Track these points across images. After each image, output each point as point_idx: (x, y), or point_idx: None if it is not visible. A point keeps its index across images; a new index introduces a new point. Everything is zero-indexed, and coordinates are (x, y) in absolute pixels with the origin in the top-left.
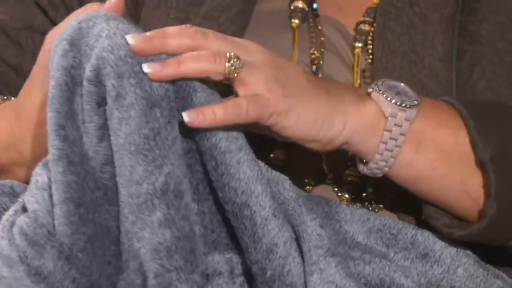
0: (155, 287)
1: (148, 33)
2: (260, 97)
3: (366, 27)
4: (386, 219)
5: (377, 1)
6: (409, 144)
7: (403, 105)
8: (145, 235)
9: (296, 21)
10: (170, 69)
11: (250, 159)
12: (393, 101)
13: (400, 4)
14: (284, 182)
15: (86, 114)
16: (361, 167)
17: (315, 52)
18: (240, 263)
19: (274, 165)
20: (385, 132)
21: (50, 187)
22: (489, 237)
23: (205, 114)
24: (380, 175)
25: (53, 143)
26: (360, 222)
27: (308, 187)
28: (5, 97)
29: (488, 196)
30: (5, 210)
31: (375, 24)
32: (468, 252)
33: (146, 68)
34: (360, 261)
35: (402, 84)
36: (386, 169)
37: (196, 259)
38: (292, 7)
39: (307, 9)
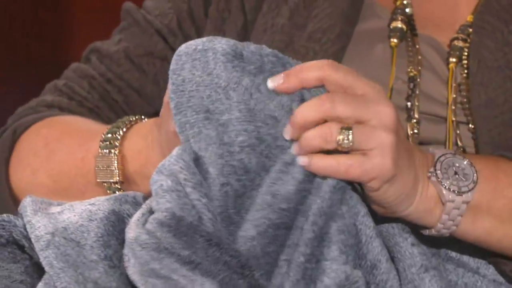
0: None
1: (283, 76)
2: (366, 161)
3: (460, 43)
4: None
5: (470, 19)
6: (466, 218)
7: (461, 191)
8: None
9: (395, 40)
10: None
11: (352, 186)
12: (452, 189)
13: (495, 21)
14: None
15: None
16: (420, 228)
17: (413, 70)
18: None
19: None
20: (444, 215)
21: (177, 189)
22: None
23: (308, 162)
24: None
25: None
26: (454, 239)
27: None
28: (142, 117)
29: None
30: (129, 216)
31: (469, 40)
32: None
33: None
34: (453, 275)
35: (465, 162)
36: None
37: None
38: (391, 27)
39: (405, 29)
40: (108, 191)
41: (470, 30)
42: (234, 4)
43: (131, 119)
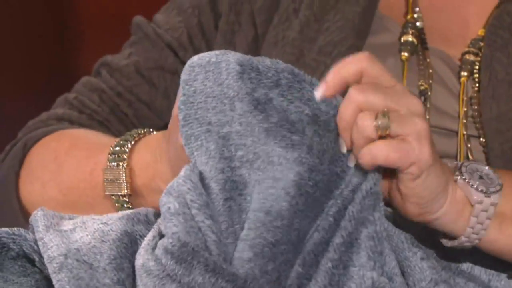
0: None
1: (325, 80)
2: (404, 144)
3: (471, 57)
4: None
5: (482, 33)
6: (493, 224)
7: (489, 192)
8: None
9: (406, 54)
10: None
11: None
12: (479, 189)
13: (507, 35)
14: (389, 218)
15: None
16: (444, 241)
17: (423, 83)
18: None
19: None
20: (472, 218)
21: (183, 212)
22: None
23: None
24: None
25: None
26: (467, 251)
27: None
28: (151, 130)
29: None
30: (141, 237)
31: (481, 54)
32: None
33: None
34: None
35: (487, 167)
36: (469, 245)
37: None
38: (402, 41)
39: (416, 42)
40: (116, 204)
41: (482, 44)
42: (244, 17)
43: (139, 132)
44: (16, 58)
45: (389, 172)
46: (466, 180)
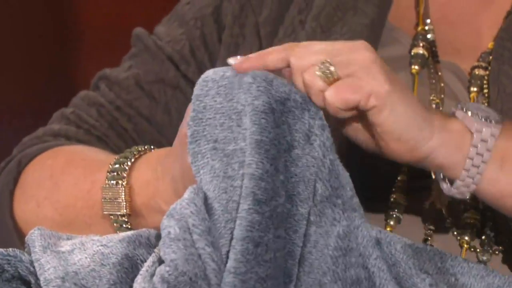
0: None
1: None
2: (352, 79)
3: (480, 72)
4: (507, 278)
5: (491, 46)
6: (493, 161)
7: (488, 120)
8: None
9: (416, 67)
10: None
11: (366, 224)
12: (480, 115)
13: None
14: (395, 244)
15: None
16: (446, 188)
17: (435, 98)
18: None
19: (394, 208)
20: (471, 148)
21: (184, 238)
22: None
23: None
24: (467, 195)
25: (244, 182)
26: (479, 277)
27: (428, 231)
28: (152, 147)
29: None
30: (142, 261)
31: (489, 68)
32: None
33: (231, 60)
34: None
35: (484, 106)
36: (474, 186)
37: None
38: (412, 53)
39: (427, 55)
40: (115, 224)
41: (491, 57)
42: (248, 30)
43: (139, 149)
44: (16, 61)
45: (365, 123)
46: (464, 110)
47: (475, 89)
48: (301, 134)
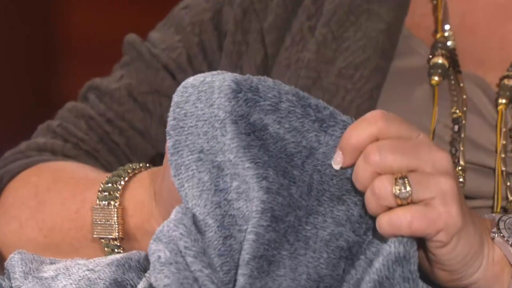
0: None
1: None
2: (428, 209)
3: (510, 82)
4: None
5: None
6: None
7: None
8: None
9: (436, 78)
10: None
11: None
12: None
13: None
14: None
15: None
16: None
17: (457, 111)
18: None
19: None
20: None
21: (175, 261)
22: None
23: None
24: None
25: (256, 195)
26: None
27: None
28: (147, 165)
29: None
30: (133, 287)
31: None
32: None
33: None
34: None
35: None
36: None
37: None
38: (431, 63)
39: (447, 65)
40: (106, 249)
41: None
42: (252, 36)
43: (134, 167)
44: (0, 71)
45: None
46: (506, 238)
47: (503, 101)
48: (314, 132)
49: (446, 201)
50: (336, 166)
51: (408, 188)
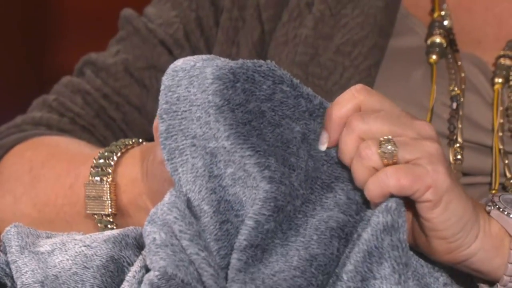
0: None
1: (325, 129)
2: (415, 167)
3: (506, 61)
4: None
5: None
6: None
7: None
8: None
9: (434, 56)
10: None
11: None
12: None
13: None
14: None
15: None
16: (483, 286)
17: (455, 88)
18: None
19: None
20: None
21: (171, 244)
22: None
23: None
24: None
25: (260, 185)
26: None
27: None
28: (140, 140)
29: None
30: (129, 264)
31: None
32: None
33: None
34: None
35: None
36: None
37: None
38: (429, 42)
39: (445, 44)
40: (99, 224)
41: None
42: (249, 12)
43: (127, 142)
44: None
45: (407, 211)
46: (501, 209)
47: (500, 80)
48: (304, 121)
49: (432, 161)
50: (322, 147)
51: (393, 147)
